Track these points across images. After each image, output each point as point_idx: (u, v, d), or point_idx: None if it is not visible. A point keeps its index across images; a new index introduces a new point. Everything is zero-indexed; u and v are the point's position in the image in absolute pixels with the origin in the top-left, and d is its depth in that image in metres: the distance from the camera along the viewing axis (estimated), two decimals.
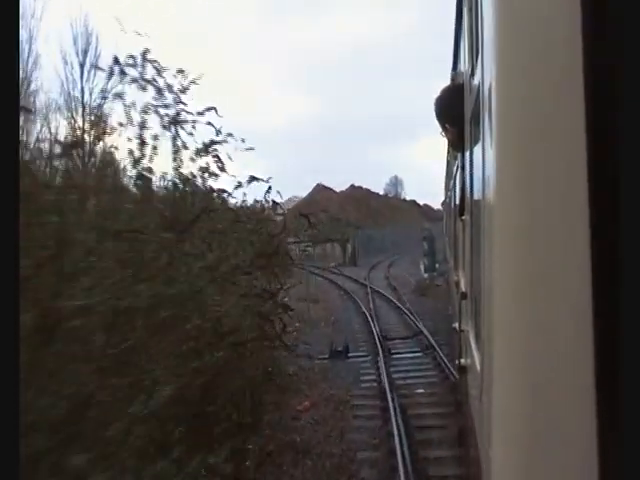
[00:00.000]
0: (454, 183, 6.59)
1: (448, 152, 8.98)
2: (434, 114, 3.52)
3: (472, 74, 2.54)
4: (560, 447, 1.26)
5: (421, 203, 76.65)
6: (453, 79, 5.17)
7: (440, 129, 3.64)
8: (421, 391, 9.37)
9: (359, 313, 18.26)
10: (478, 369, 2.04)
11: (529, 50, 1.32)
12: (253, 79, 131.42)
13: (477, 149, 2.23)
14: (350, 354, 12.66)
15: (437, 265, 26.42)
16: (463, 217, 3.74)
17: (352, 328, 16.00)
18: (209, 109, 5.82)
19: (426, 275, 26.31)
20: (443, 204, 17.06)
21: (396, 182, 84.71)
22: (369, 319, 16.23)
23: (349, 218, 56.16)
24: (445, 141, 5.45)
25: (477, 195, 2.29)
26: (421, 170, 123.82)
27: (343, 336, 14.17)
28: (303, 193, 69.22)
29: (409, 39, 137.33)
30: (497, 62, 1.41)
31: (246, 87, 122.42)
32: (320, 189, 70.34)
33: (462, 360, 3.26)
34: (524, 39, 1.33)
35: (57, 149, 9.61)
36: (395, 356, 12.20)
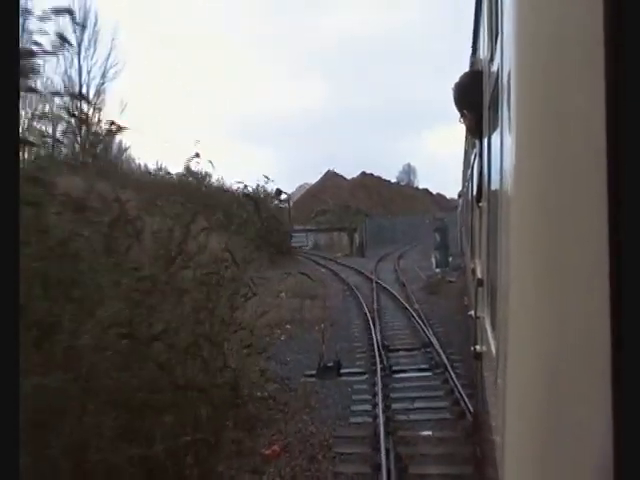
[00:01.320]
0: (471, 172, 6.19)
1: (466, 140, 8.10)
2: (452, 100, 3.46)
3: (491, 59, 2.46)
4: (574, 437, 1.24)
5: (434, 192, 74.45)
6: (472, 64, 5.09)
7: (459, 115, 3.55)
8: (428, 434, 7.14)
9: (360, 314, 16.05)
10: (494, 355, 1.99)
11: (549, 35, 1.27)
12: (260, 71, 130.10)
13: (495, 135, 2.24)
14: (343, 370, 10.42)
15: (450, 259, 24.38)
16: (480, 204, 3.55)
17: (350, 333, 13.80)
18: (58, 11, 3.49)
19: (438, 270, 24.17)
20: (460, 193, 15.15)
21: (409, 170, 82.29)
22: (370, 323, 14.01)
23: (359, 206, 54.06)
24: (461, 130, 5.46)
25: (495, 181, 2.26)
26: (434, 159, 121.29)
27: (338, 345, 12.01)
28: (314, 180, 67.38)
29: (409, 39, 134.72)
30: (516, 47, 1.38)
31: (253, 78, 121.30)
32: (330, 176, 68.50)
33: (478, 347, 3.13)
34: (544, 24, 1.28)
35: None
36: (397, 375, 9.93)
